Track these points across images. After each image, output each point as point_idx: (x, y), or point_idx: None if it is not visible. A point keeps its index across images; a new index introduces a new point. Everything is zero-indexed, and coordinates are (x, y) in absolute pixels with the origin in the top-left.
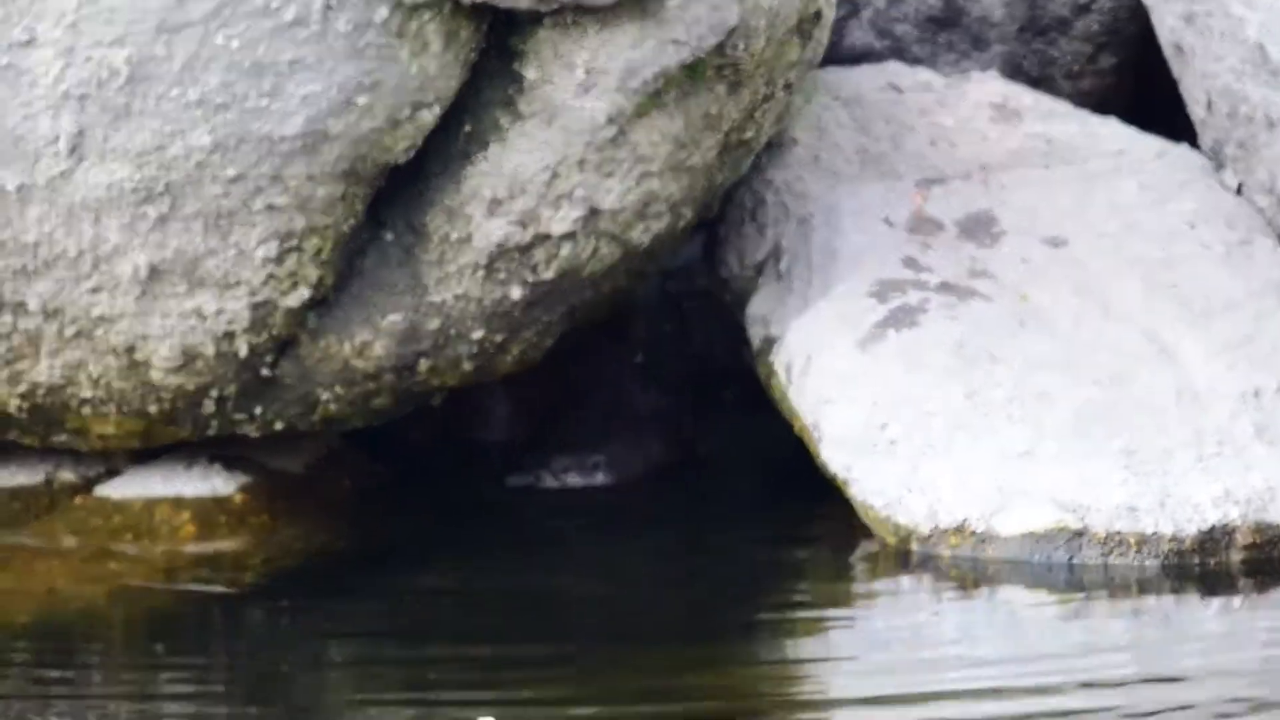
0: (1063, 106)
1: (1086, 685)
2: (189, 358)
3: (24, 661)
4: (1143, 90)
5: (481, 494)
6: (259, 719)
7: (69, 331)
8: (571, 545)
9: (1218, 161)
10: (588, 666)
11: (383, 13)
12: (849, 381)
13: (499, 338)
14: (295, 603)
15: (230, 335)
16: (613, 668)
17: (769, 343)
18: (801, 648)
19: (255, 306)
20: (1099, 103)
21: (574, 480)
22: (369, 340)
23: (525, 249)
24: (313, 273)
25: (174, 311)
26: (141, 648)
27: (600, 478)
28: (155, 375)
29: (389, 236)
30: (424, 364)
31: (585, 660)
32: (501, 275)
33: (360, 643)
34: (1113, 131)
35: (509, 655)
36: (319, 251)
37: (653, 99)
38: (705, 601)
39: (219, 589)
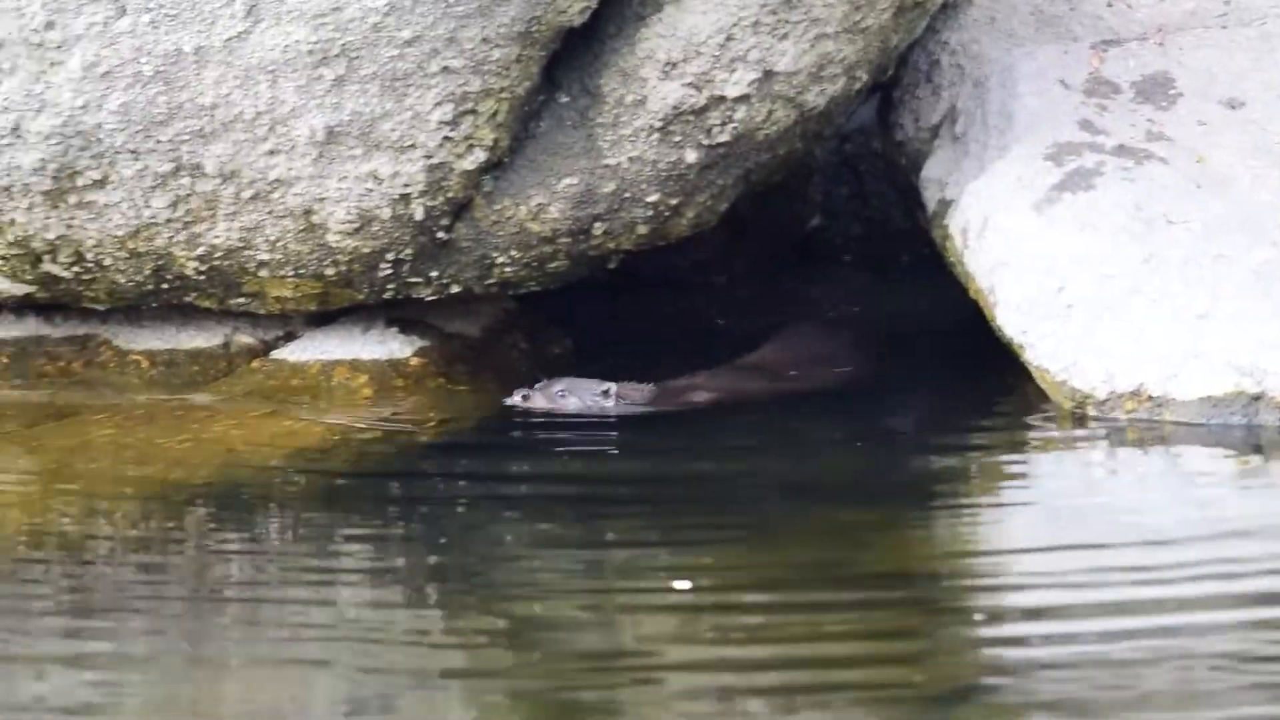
0: None
1: (1258, 533)
2: (365, 221)
3: (204, 520)
4: None
5: (653, 356)
6: (435, 575)
7: (246, 194)
8: (748, 407)
9: None
10: (768, 527)
11: None
12: (1025, 245)
13: (674, 201)
14: (470, 464)
15: (406, 198)
16: (793, 529)
17: (944, 205)
18: (978, 509)
19: (431, 169)
20: None
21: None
22: (544, 203)
23: (700, 112)
24: (488, 136)
25: (350, 174)
26: (318, 507)
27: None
28: (332, 238)
29: (564, 99)
30: (599, 227)
31: (766, 521)
32: (676, 138)
33: (534, 504)
34: None
35: (688, 521)
36: (494, 114)
37: None
38: (881, 463)
39: (394, 450)
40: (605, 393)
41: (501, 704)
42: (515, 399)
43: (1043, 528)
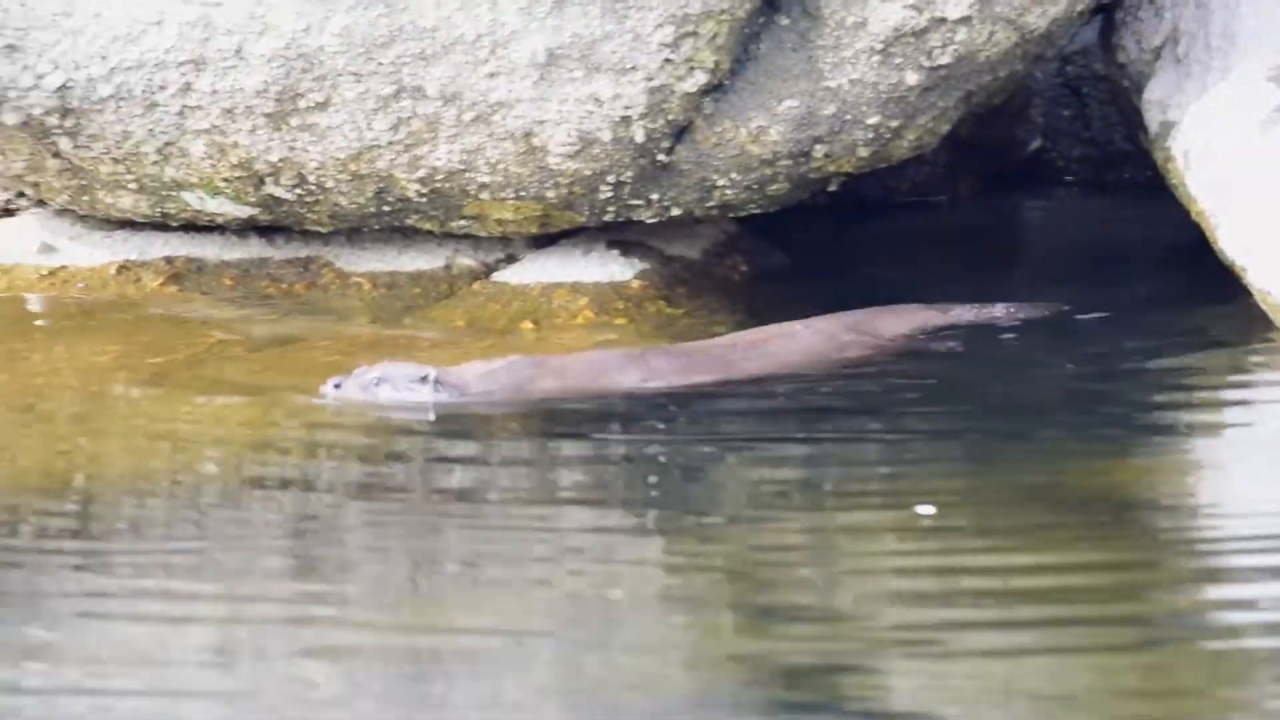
0: None
1: None
2: (585, 143)
3: (423, 443)
4: None
5: (873, 277)
6: (655, 500)
7: (467, 116)
8: (960, 330)
9: None
10: (973, 459)
11: None
12: (1248, 167)
13: (894, 123)
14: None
15: (626, 120)
16: (998, 459)
17: (1166, 127)
18: (1195, 435)
19: (651, 92)
20: None
21: None
22: (765, 126)
23: (921, 33)
24: (709, 58)
25: (570, 97)
26: (537, 429)
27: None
28: (552, 160)
29: (784, 21)
30: (819, 150)
31: (971, 453)
32: (897, 60)
33: (754, 420)
34: None
35: (899, 452)
36: (715, 36)
37: None
38: (1092, 392)
39: None
40: (423, 379)
41: (723, 625)
42: (327, 389)
43: (1263, 455)
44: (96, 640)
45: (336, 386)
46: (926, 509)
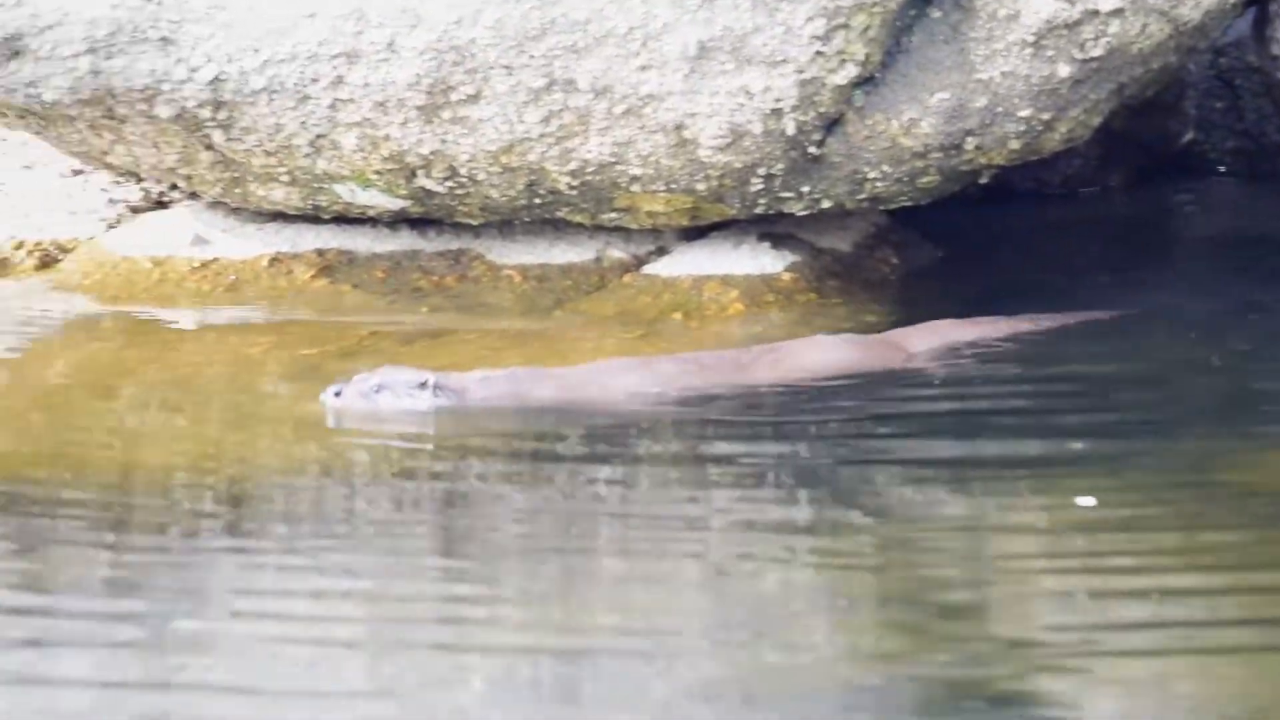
0: None
1: None
2: (736, 136)
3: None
4: None
5: (1023, 270)
6: (807, 482)
7: (618, 109)
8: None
9: None
10: (1122, 453)
11: None
12: None
13: (1046, 115)
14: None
15: (777, 113)
16: (1147, 456)
17: None
18: None
19: (803, 84)
20: None
21: None
22: (916, 118)
23: (1073, 25)
24: (860, 50)
25: (721, 89)
26: (683, 425)
27: None
28: (703, 153)
29: (936, 14)
30: (970, 142)
31: (1121, 447)
32: (1049, 52)
33: (914, 422)
34: None
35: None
36: (866, 29)
37: None
38: (1241, 383)
39: None
40: (423, 385)
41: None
42: (326, 397)
43: None
44: (246, 635)
45: (336, 394)
46: (1087, 500)
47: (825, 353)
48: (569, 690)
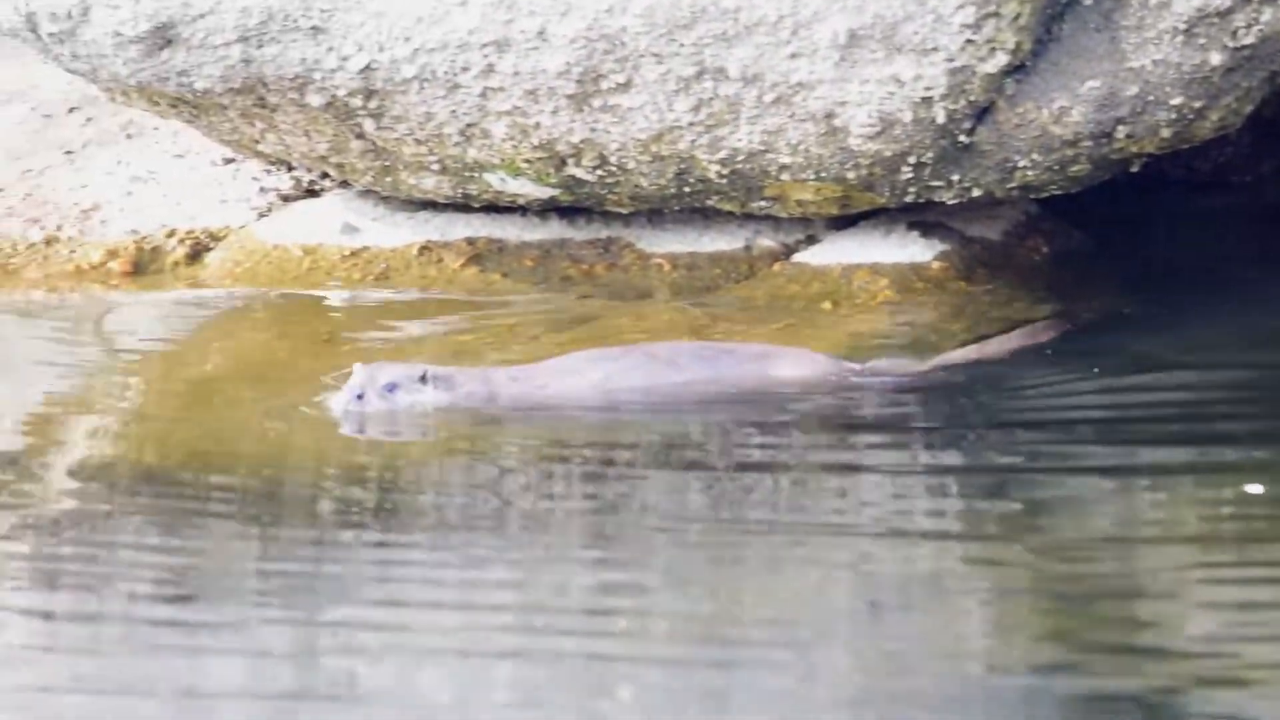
0: None
1: None
2: (886, 124)
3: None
4: None
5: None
6: (955, 474)
7: (768, 97)
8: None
9: None
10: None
11: None
12: None
13: (1197, 104)
14: (989, 370)
15: (928, 101)
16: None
17: None
18: None
19: (953, 73)
20: None
21: None
22: (1066, 106)
23: (1225, 13)
24: (1010, 38)
25: (872, 78)
26: (834, 415)
27: None
28: (853, 141)
29: (1087, 1)
30: (1121, 130)
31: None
32: (1201, 40)
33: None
34: None
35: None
36: (1017, 17)
37: None
38: None
39: (917, 352)
40: (422, 378)
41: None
42: (345, 403)
43: None
44: (398, 625)
45: (359, 398)
46: (1255, 488)
47: (808, 368)
48: (718, 683)
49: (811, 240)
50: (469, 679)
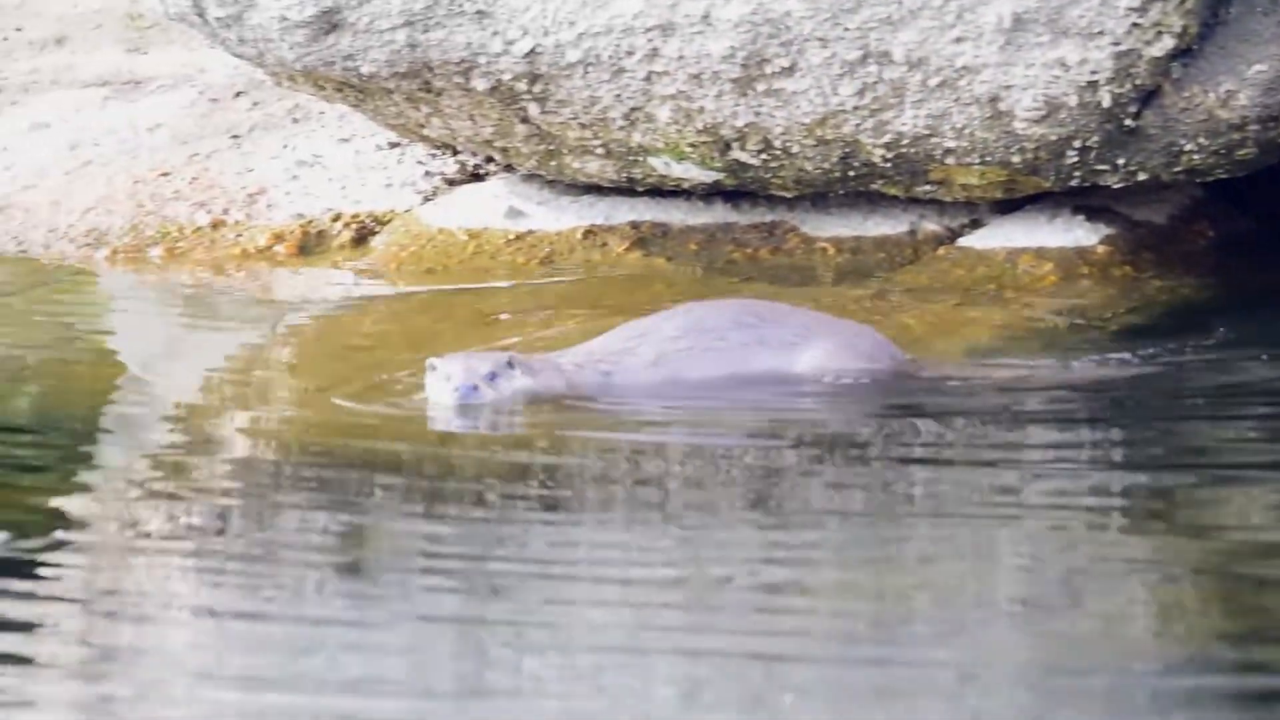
0: None
1: None
2: (1052, 108)
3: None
4: None
5: None
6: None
7: (933, 81)
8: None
9: None
10: None
11: None
12: None
13: None
14: (1154, 352)
15: (1093, 85)
16: None
17: None
18: None
19: (1119, 56)
20: None
21: None
22: (1233, 90)
23: None
24: (1177, 22)
25: (1037, 61)
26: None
27: None
28: (1018, 125)
29: None
30: None
31: None
32: None
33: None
34: None
35: None
36: (1183, 1)
37: None
38: None
39: (1075, 341)
40: (509, 364)
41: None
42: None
43: None
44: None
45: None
46: None
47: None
48: (881, 655)
49: (976, 224)
50: (632, 675)
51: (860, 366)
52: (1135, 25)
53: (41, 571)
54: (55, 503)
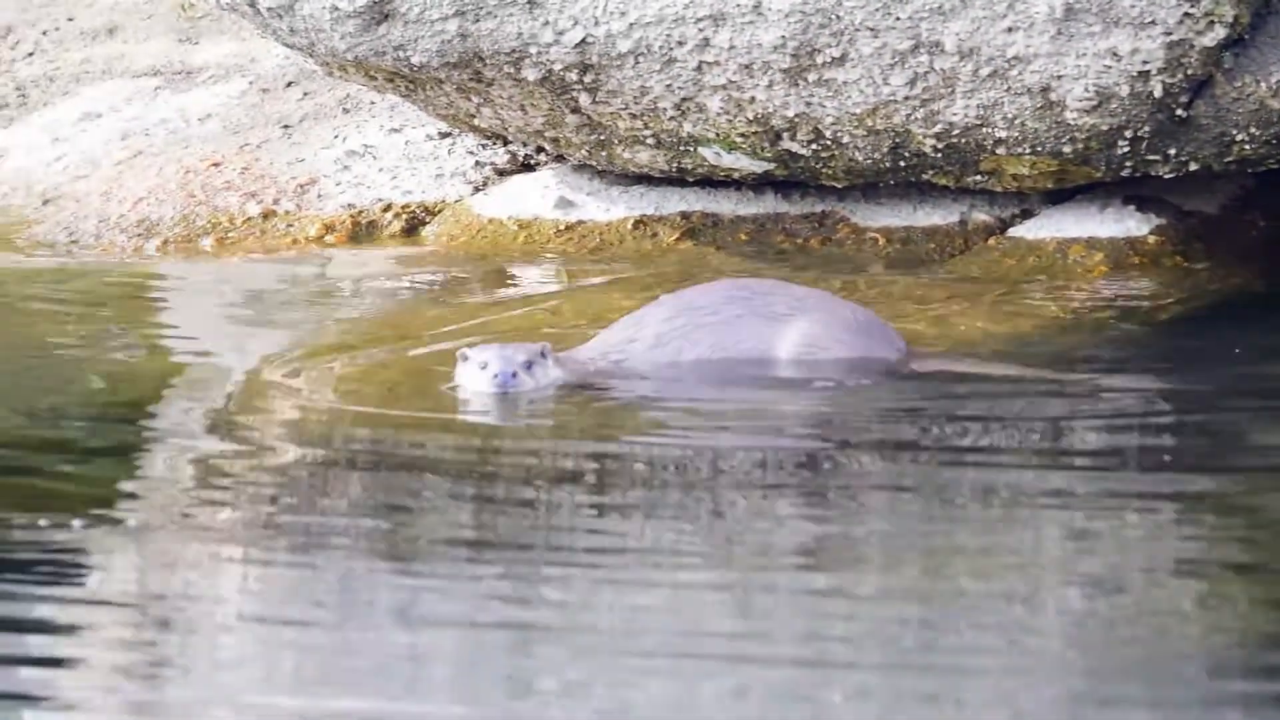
0: None
1: None
2: (1103, 98)
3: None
4: None
5: None
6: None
7: (984, 71)
8: None
9: None
10: None
11: None
12: None
13: None
14: (1202, 345)
15: (1145, 75)
16: None
17: None
18: None
19: (1170, 46)
20: None
21: None
22: None
23: None
24: (1228, 12)
25: (1088, 51)
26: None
27: None
28: (1069, 115)
29: None
30: None
31: None
32: None
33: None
34: None
35: None
36: None
37: None
38: None
39: (1124, 331)
40: (543, 354)
41: (1240, 591)
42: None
43: None
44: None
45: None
46: None
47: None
48: (925, 642)
49: (1026, 214)
50: (682, 681)
51: (852, 341)
52: (1187, 15)
53: (91, 574)
54: (105, 501)
